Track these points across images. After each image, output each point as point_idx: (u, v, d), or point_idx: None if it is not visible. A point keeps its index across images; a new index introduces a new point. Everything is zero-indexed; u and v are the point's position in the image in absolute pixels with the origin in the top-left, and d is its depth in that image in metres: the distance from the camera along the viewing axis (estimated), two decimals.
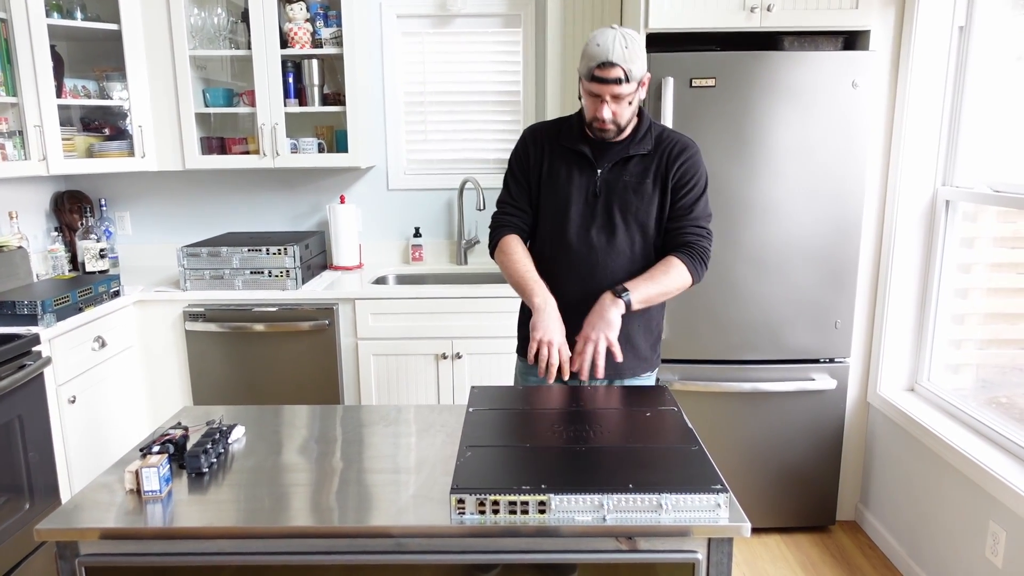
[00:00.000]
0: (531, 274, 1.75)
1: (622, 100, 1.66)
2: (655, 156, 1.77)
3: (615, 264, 1.78)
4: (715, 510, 1.13)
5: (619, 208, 1.76)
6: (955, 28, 2.37)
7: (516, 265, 1.77)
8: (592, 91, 1.66)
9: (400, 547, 1.16)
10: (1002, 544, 1.96)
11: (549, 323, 1.66)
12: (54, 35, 2.74)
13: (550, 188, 1.81)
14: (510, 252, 1.79)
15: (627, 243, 1.78)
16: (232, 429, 1.46)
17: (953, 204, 2.44)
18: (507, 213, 1.86)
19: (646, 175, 1.76)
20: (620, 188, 1.76)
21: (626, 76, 1.62)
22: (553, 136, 1.83)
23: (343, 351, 2.80)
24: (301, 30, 2.87)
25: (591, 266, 1.78)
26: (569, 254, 1.79)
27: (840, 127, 2.42)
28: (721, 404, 2.61)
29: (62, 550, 1.16)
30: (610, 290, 1.68)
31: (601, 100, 1.65)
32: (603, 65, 1.61)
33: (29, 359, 2.18)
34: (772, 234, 2.48)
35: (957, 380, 2.50)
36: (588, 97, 1.68)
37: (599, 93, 1.64)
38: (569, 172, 1.79)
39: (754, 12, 2.40)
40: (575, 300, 1.78)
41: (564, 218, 1.79)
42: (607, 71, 1.61)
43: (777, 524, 2.71)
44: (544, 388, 1.64)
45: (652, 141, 1.77)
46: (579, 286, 1.79)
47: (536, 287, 1.73)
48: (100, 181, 3.28)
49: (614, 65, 1.60)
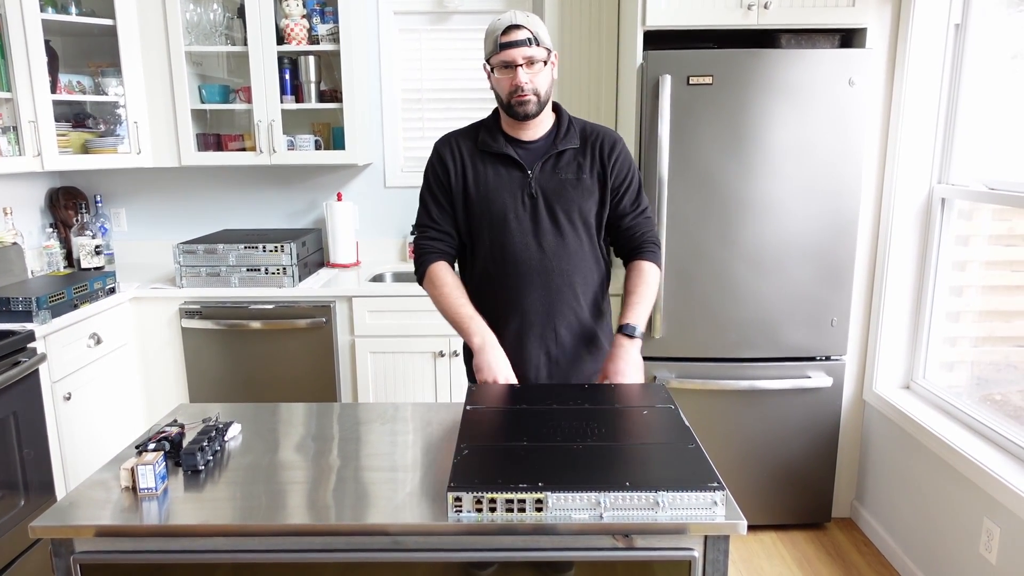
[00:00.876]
0: (465, 309, 1.68)
1: (535, 65, 1.61)
2: (586, 150, 1.72)
3: (569, 266, 1.71)
4: (711, 508, 1.13)
5: (561, 207, 1.69)
6: (951, 26, 2.37)
7: (448, 300, 1.69)
8: (504, 60, 1.61)
9: (397, 545, 1.16)
10: (996, 541, 1.97)
11: (492, 361, 1.62)
12: (49, 30, 2.73)
13: (480, 199, 1.70)
14: (440, 284, 1.71)
15: (576, 242, 1.71)
16: (228, 427, 1.46)
17: (949, 202, 2.45)
18: (431, 238, 1.76)
19: (581, 170, 1.71)
20: (558, 186, 1.69)
21: (535, 38, 1.59)
22: (470, 143, 1.74)
23: (340, 349, 2.80)
24: (298, 26, 2.86)
25: (546, 273, 1.70)
26: (519, 266, 1.70)
27: (837, 125, 2.42)
28: (718, 402, 2.61)
29: (57, 547, 1.16)
30: (621, 333, 1.66)
31: (515, 66, 1.60)
32: (508, 29, 1.59)
33: (24, 356, 2.18)
34: (769, 232, 2.48)
35: (952, 378, 2.51)
36: (501, 73, 1.63)
37: (511, 60, 1.60)
38: (498, 178, 1.70)
39: (751, 10, 2.40)
40: (538, 314, 1.72)
41: (503, 228, 1.69)
42: (514, 33, 1.59)
43: (773, 521, 2.72)
44: (541, 387, 1.64)
45: (577, 135, 1.72)
46: (537, 296, 1.71)
47: (472, 325, 1.66)
48: (95, 177, 3.27)
49: (519, 27, 1.59)
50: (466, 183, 1.72)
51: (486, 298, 1.75)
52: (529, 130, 1.72)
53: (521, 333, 1.74)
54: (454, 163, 1.73)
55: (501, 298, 1.74)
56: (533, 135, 1.72)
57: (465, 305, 1.70)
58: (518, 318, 1.73)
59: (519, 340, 1.74)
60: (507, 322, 1.74)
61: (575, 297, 1.73)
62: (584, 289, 1.75)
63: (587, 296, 1.76)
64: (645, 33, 2.46)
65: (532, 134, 1.72)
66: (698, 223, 2.48)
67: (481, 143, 1.73)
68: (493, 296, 1.75)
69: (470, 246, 1.77)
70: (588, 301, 1.76)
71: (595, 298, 1.78)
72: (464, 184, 1.73)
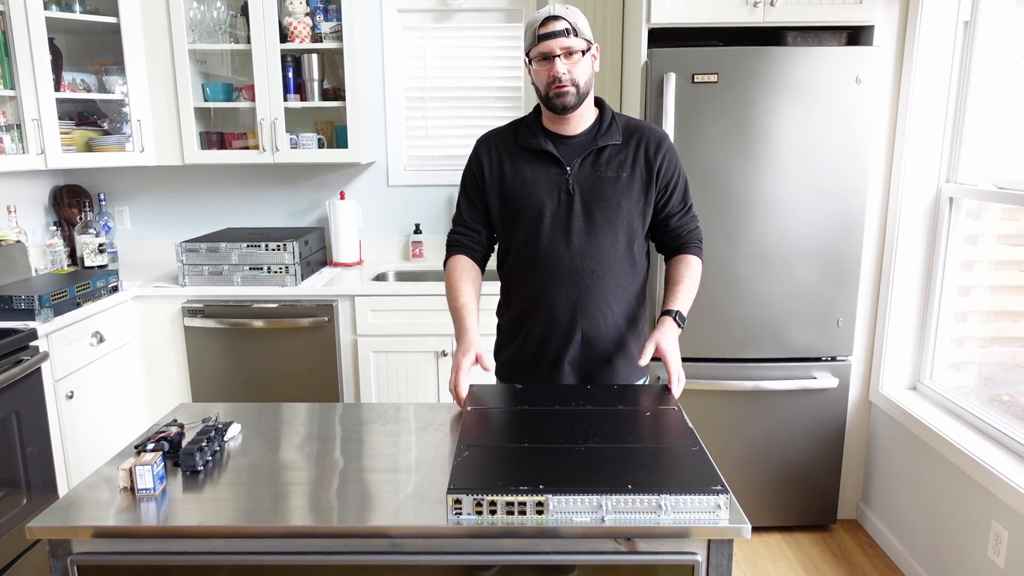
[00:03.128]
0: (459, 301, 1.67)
1: (574, 56, 1.58)
2: (630, 147, 1.67)
3: (600, 267, 1.67)
4: (715, 511, 1.12)
5: (598, 206, 1.65)
6: (960, 23, 2.35)
7: (452, 292, 1.70)
8: (542, 52, 1.58)
9: (396, 547, 1.15)
10: (1004, 544, 1.94)
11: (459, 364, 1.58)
12: (52, 28, 2.73)
13: (516, 195, 1.68)
14: (448, 275, 1.73)
15: (610, 243, 1.66)
16: (228, 427, 1.45)
17: (957, 201, 2.42)
18: (457, 233, 1.78)
19: (623, 167, 1.66)
20: (596, 184, 1.65)
21: (573, 29, 1.57)
22: (509, 140, 1.72)
23: (342, 348, 2.79)
24: (301, 24, 2.85)
25: (575, 273, 1.66)
26: (549, 262, 1.67)
27: (843, 123, 2.40)
28: (723, 402, 2.59)
29: (54, 548, 1.15)
30: (669, 317, 1.64)
31: (553, 58, 1.57)
32: (547, 20, 1.56)
33: (26, 354, 2.17)
34: (774, 231, 2.46)
35: (959, 378, 2.48)
36: (540, 65, 1.60)
37: (549, 51, 1.57)
38: (535, 174, 1.67)
39: (757, 7, 2.37)
40: (563, 314, 1.68)
41: (537, 225, 1.67)
42: (552, 24, 1.56)
43: (778, 523, 2.70)
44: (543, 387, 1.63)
45: (620, 131, 1.68)
46: (564, 296, 1.67)
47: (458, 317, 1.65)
48: (99, 175, 3.27)
49: (558, 18, 1.56)
50: (503, 180, 1.70)
51: (517, 294, 1.74)
52: (569, 124, 1.67)
53: (547, 332, 1.71)
54: (490, 161, 1.72)
55: (529, 295, 1.71)
56: (574, 130, 1.68)
57: (460, 296, 1.68)
58: (544, 317, 1.70)
59: (544, 338, 1.72)
60: (535, 320, 1.72)
61: (604, 300, 1.68)
62: (616, 292, 1.69)
63: (619, 300, 1.70)
64: (650, 31, 2.44)
65: (572, 129, 1.67)
66: (703, 222, 2.44)
67: (521, 139, 1.70)
68: (522, 292, 1.73)
69: (505, 241, 1.75)
70: (621, 306, 1.71)
71: (629, 303, 1.72)
72: (501, 181, 1.70)
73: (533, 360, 1.74)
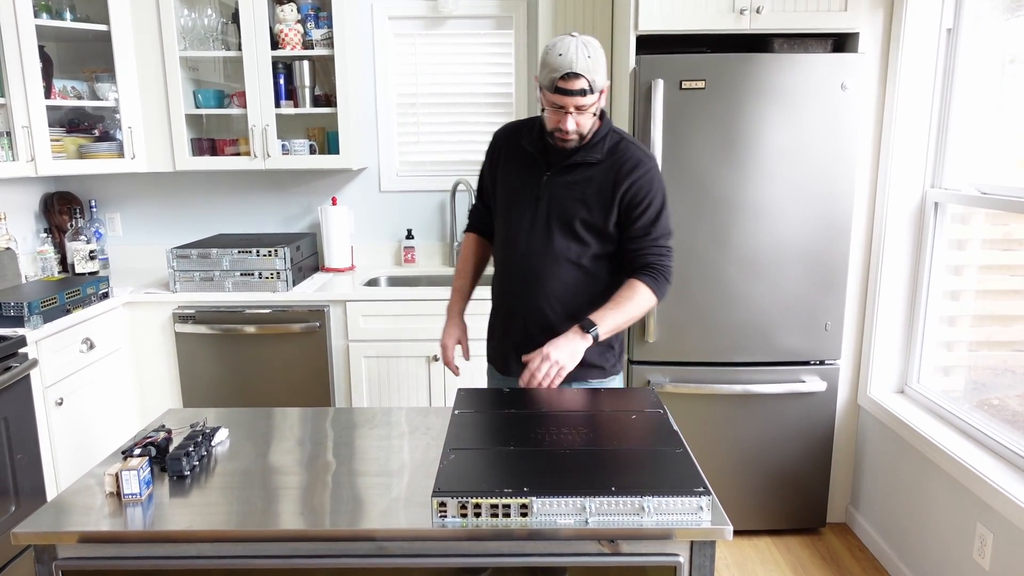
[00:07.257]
0: (456, 282, 1.95)
1: (585, 111, 1.61)
2: (605, 167, 1.70)
3: (547, 272, 1.73)
4: (697, 513, 1.13)
5: (558, 215, 1.71)
6: (943, 31, 2.37)
7: (457, 267, 1.97)
8: (555, 102, 1.60)
9: (382, 550, 1.16)
10: (989, 546, 1.96)
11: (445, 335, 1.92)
12: (43, 35, 2.73)
13: (503, 189, 1.82)
14: (462, 251, 1.99)
15: (564, 250, 1.72)
16: (215, 432, 1.46)
17: (942, 206, 2.44)
18: (474, 211, 1.98)
19: (590, 184, 1.69)
20: (560, 195, 1.71)
21: (590, 87, 1.57)
22: (515, 136, 1.81)
23: (334, 353, 2.79)
24: (292, 31, 2.87)
25: (526, 272, 1.76)
26: (510, 257, 1.79)
27: (829, 129, 2.42)
28: (711, 406, 2.60)
29: (40, 554, 1.15)
30: (578, 324, 1.65)
31: (565, 112, 1.60)
32: (567, 76, 1.55)
33: (15, 361, 2.17)
34: (762, 236, 2.48)
35: (948, 382, 2.50)
36: (550, 108, 1.63)
37: (562, 105, 1.59)
38: (519, 174, 1.77)
39: (744, 14, 2.40)
40: (513, 305, 1.82)
41: (509, 220, 1.79)
42: (571, 82, 1.55)
43: (767, 526, 2.71)
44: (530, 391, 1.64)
45: (604, 150, 1.70)
46: (515, 290, 1.80)
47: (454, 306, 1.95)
48: (90, 182, 3.27)
49: (578, 76, 1.55)
50: (498, 174, 1.84)
51: (495, 281, 1.90)
52: None
53: (505, 322, 1.86)
54: (495, 154, 1.86)
55: (498, 284, 1.88)
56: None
57: (458, 278, 1.96)
58: (504, 308, 1.86)
59: (504, 328, 1.87)
60: (497, 308, 1.90)
61: (546, 299, 1.76)
62: (562, 296, 1.75)
63: (564, 303, 1.75)
64: (638, 38, 2.46)
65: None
66: (691, 227, 2.47)
67: (523, 137, 1.79)
68: (495, 281, 1.89)
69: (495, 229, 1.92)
70: (567, 308, 1.75)
71: (579, 307, 1.73)
72: (497, 174, 1.85)
73: (498, 346, 1.90)
